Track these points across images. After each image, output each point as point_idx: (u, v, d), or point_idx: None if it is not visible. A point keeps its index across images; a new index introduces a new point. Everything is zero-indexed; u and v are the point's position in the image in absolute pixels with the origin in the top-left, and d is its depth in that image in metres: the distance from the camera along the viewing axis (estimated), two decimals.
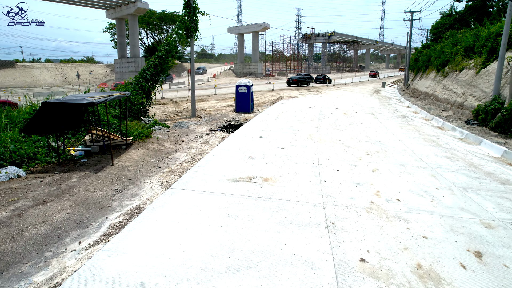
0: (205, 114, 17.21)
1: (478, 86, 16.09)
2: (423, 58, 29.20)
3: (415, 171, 7.65)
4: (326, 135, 11.35)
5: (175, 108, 19.52)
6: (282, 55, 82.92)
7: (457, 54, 21.21)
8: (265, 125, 12.84)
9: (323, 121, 14.39)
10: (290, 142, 10.02)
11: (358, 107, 20.00)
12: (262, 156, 8.38)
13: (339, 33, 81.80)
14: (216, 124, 13.89)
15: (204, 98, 24.46)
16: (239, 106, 17.33)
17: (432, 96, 22.36)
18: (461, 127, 13.88)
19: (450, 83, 20.25)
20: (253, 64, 64.21)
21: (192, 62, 16.63)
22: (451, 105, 18.26)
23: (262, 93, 28.37)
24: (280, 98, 23.09)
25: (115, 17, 47.89)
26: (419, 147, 10.18)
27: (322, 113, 16.75)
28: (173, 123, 14.01)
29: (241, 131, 11.58)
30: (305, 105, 19.93)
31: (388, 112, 18.73)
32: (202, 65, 73.90)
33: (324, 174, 7.14)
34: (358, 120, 15.18)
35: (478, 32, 20.12)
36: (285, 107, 18.93)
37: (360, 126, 13.41)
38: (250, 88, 17.11)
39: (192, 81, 16.55)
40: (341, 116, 16.04)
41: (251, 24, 64.27)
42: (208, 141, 10.86)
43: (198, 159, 8.68)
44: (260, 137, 10.59)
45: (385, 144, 10.35)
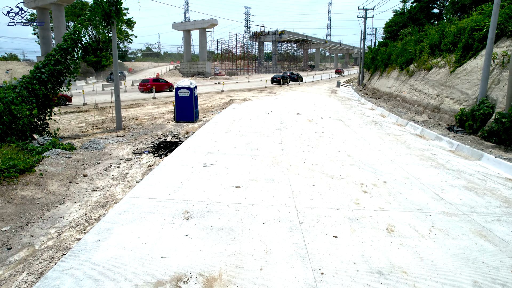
0: (135, 125, 13.35)
1: (456, 87, 14.17)
2: (382, 56, 27.72)
3: (448, 226, 4.83)
4: (296, 156, 8.28)
5: (99, 116, 15.33)
6: (232, 54, 79.63)
7: (423, 51, 19.54)
8: (212, 142, 9.46)
9: (287, 132, 11.37)
10: (248, 174, 6.77)
11: (321, 111, 17.37)
12: (204, 211, 5.03)
13: (289, 31, 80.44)
14: (145, 142, 10.20)
15: (140, 102, 20.35)
16: (180, 113, 13.73)
17: (398, 97, 20.53)
18: (446, 136, 11.70)
19: (418, 83, 18.43)
20: (201, 63, 60.04)
21: (115, 58, 12.69)
22: (424, 107, 16.31)
23: (210, 95, 24.82)
24: (232, 102, 19.80)
25: (35, 6, 40.99)
26: (421, 172, 7.52)
27: (283, 121, 13.75)
28: (85, 142, 10.07)
29: (178, 154, 8.09)
30: (261, 110, 16.84)
31: (356, 116, 16.30)
32: (142, 64, 67.98)
33: (314, 252, 4.01)
34: (328, 129, 12.41)
35: (444, 28, 18.53)
36: (237, 113, 15.67)
37: (334, 139, 10.58)
38: (194, 91, 13.59)
39: (115, 83, 12.62)
40: (306, 124, 13.16)
41: (198, 20, 60.02)
42: (125, 174, 7.22)
43: (96, 218, 5.10)
44: (204, 165, 7.20)
45: (378, 169, 7.53)
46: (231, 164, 7.39)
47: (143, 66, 65.93)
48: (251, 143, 9.47)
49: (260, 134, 10.88)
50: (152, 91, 26.06)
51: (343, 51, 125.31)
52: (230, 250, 3.95)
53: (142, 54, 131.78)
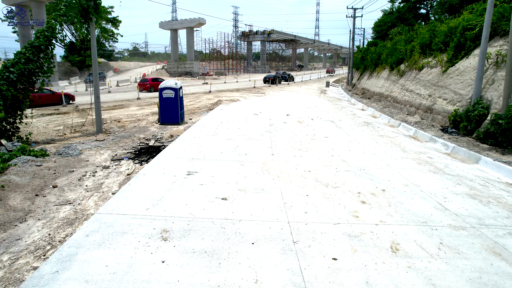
0: (117, 128, 12.61)
1: (448, 87, 13.88)
2: (371, 56, 27.46)
3: (457, 243, 4.36)
4: (287, 162, 7.74)
5: (79, 119, 14.52)
6: (220, 54, 78.84)
7: (413, 51, 19.28)
8: (197, 146, 8.85)
9: (277, 135, 10.83)
10: (236, 183, 6.19)
11: (312, 112, 16.91)
12: (185, 230, 4.44)
13: (277, 31, 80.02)
14: (126, 147, 9.51)
15: (124, 104, 19.52)
16: (164, 115, 13.05)
17: (389, 98, 20.23)
18: (441, 137, 11.35)
19: (409, 83, 18.14)
20: (189, 63, 59.05)
21: (94, 57, 11.96)
22: (416, 108, 16.00)
23: (197, 95, 24.12)
24: (219, 102, 19.17)
25: (14, 3, 39.39)
26: (420, 178, 7.07)
27: (272, 123, 13.21)
28: (60, 147, 9.32)
29: (159, 161, 7.45)
30: (249, 111, 16.27)
31: (347, 117, 15.89)
32: (129, 64, 66.56)
33: (312, 280, 3.48)
34: (319, 131, 11.92)
35: (434, 28, 18.29)
36: (225, 114, 15.06)
37: (327, 142, 10.09)
38: (179, 92, 12.93)
39: (95, 83, 11.88)
40: (297, 126, 12.66)
41: (185, 19, 58.98)
42: (101, 184, 6.56)
43: (61, 239, 4.45)
44: (187, 173, 6.59)
45: (375, 175, 7.05)
46: (217, 171, 6.79)
47: (129, 66, 64.50)
48: (239, 148, 8.89)
49: (249, 137, 10.31)
50: (150, 90, 27.87)
51: (331, 51, 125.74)
52: (214, 280, 3.37)
53: (129, 53, 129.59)
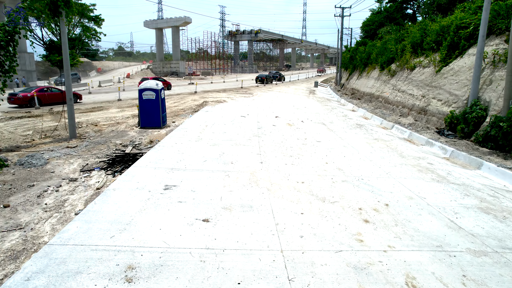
0: (93, 132, 11.63)
1: (443, 87, 13.38)
2: (361, 56, 27.00)
3: (483, 275, 3.69)
4: (277, 171, 6.99)
5: (52, 122, 13.45)
6: (207, 53, 77.70)
7: (405, 50, 18.82)
8: (178, 154, 8.01)
9: (266, 140, 10.07)
10: (220, 199, 5.40)
11: (302, 114, 16.23)
12: (156, 266, 3.63)
13: (265, 30, 79.30)
14: (100, 154, 8.59)
15: (103, 105, 18.44)
16: (145, 119, 12.14)
17: (380, 98, 19.73)
18: (437, 140, 10.80)
19: (401, 83, 17.65)
20: (175, 63, 57.75)
21: (65, 55, 10.95)
22: (409, 109, 15.49)
23: (182, 96, 23.17)
24: (205, 104, 18.30)
25: None
26: (424, 188, 6.42)
27: (261, 126, 12.45)
28: (25, 155, 8.35)
29: (134, 172, 6.59)
30: (236, 113, 15.47)
31: (338, 119, 15.26)
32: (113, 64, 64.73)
33: None
34: (311, 134, 11.22)
35: (426, 26, 17.85)
36: (211, 117, 14.23)
37: (319, 147, 9.38)
38: (160, 93, 12.04)
39: (67, 84, 10.86)
40: (287, 129, 11.93)
41: (170, 18, 57.62)
42: (64, 201, 5.66)
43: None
44: (165, 188, 5.76)
45: (375, 186, 6.37)
46: (199, 185, 5.98)
47: (113, 66, 62.71)
48: (224, 155, 8.09)
49: (236, 142, 9.52)
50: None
51: (318, 50, 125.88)
52: None
53: (114, 53, 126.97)
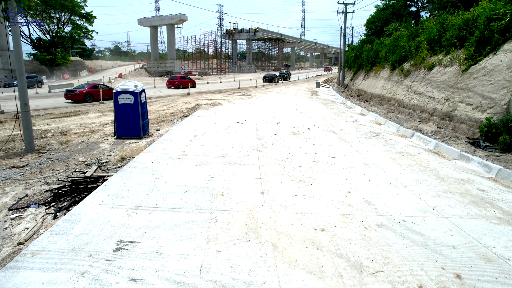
0: (58, 144, 9.62)
1: (473, 89, 11.44)
2: (367, 54, 25.04)
3: None
4: (285, 209, 5.03)
5: (16, 130, 11.40)
6: (204, 53, 75.58)
7: (420, 48, 16.89)
8: (152, 180, 6.02)
9: (267, 155, 8.10)
10: (199, 272, 3.42)
11: (307, 119, 14.27)
12: None
13: (263, 29, 77.18)
14: (52, 179, 6.58)
15: (82, 109, 16.40)
16: (121, 127, 10.14)
17: (392, 101, 17.78)
18: (474, 154, 8.89)
19: (417, 84, 15.72)
20: (170, 62, 55.57)
21: (17, 53, 8.91)
22: (429, 114, 13.55)
23: (173, 98, 21.14)
24: (197, 107, 16.31)
25: None
26: (498, 237, 4.48)
27: (261, 135, 10.49)
28: None
29: (81, 213, 4.63)
30: (232, 118, 13.49)
31: (349, 125, 13.30)
32: (106, 63, 62.33)
33: None
34: (321, 147, 9.26)
35: (444, 21, 15.91)
36: (202, 123, 12.25)
37: (335, 166, 7.42)
38: (140, 96, 10.05)
39: (20, 87, 8.81)
40: (292, 140, 9.97)
41: (165, 16, 55.41)
42: None
43: None
44: (116, 247, 3.78)
45: (427, 236, 4.42)
46: (170, 240, 4.01)
47: (106, 65, 60.41)
48: (213, 180, 6.12)
49: (229, 159, 7.54)
50: (179, 87, 30.28)
51: (318, 50, 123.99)
52: None
53: (111, 52, 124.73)
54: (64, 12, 46.39)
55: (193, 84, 32.33)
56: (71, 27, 47.73)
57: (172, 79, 31.93)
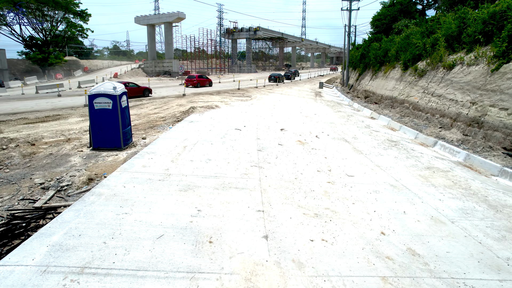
0: (20, 157, 8.07)
1: (507, 91, 9.90)
2: (375, 53, 23.49)
3: None
4: (301, 270, 3.51)
5: None
6: (204, 52, 73.96)
7: (436, 45, 15.35)
8: (117, 219, 4.49)
9: (271, 174, 6.57)
10: None
11: (313, 124, 12.73)
12: None
13: (264, 28, 75.47)
14: None
15: (62, 113, 14.84)
16: (98, 137, 8.59)
17: (405, 103, 16.24)
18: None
19: (435, 85, 14.18)
20: (167, 61, 53.91)
21: None
22: (452, 119, 12.01)
23: (167, 100, 19.57)
24: (191, 110, 14.76)
25: None
26: None
27: (262, 145, 8.95)
28: None
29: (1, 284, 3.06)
30: (230, 124, 11.96)
31: (361, 132, 11.76)
32: (102, 63, 60.60)
33: None
34: (335, 161, 7.73)
35: (465, 15, 14.39)
36: (195, 130, 10.71)
37: (356, 189, 5.89)
38: (120, 100, 8.50)
39: None
40: (299, 152, 8.43)
41: (163, 14, 53.75)
42: None
43: None
44: None
45: None
46: None
47: (102, 65, 58.70)
48: (200, 216, 4.58)
49: (223, 181, 6.00)
50: (197, 86, 31.16)
51: (319, 50, 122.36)
52: None
53: (110, 52, 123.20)
54: (58, 10, 44.83)
55: (210, 83, 33.19)
56: (65, 25, 46.16)
57: (190, 78, 32.78)
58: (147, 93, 23.00)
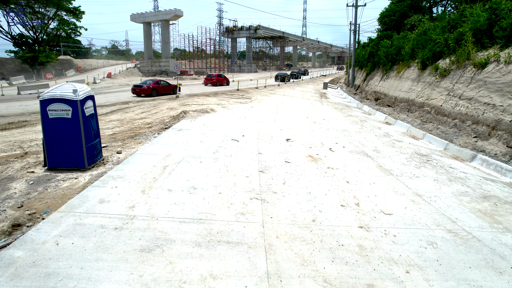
0: None
1: None
2: (386, 51, 21.58)
3: None
4: None
5: None
6: (203, 51, 72.05)
7: (462, 40, 13.46)
8: None
9: (278, 213, 4.71)
10: None
11: (324, 132, 10.86)
12: None
13: (265, 27, 73.40)
14: None
15: (31, 118, 12.93)
16: (53, 153, 6.70)
17: (425, 107, 14.34)
18: None
19: (463, 86, 12.30)
20: (164, 61, 51.86)
21: None
22: (489, 127, 10.12)
23: (157, 103, 17.65)
24: (183, 115, 12.87)
25: None
26: None
27: (265, 164, 7.07)
28: None
29: None
30: (226, 133, 10.08)
31: (382, 142, 9.87)
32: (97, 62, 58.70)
33: None
34: (360, 187, 5.86)
35: (497, 5, 12.52)
36: (182, 142, 8.83)
37: (406, 248, 3.98)
38: (83, 106, 6.62)
39: None
40: (312, 172, 6.55)
41: (159, 11, 51.73)
42: None
43: None
44: None
45: None
46: None
47: (97, 65, 56.66)
48: None
49: (210, 230, 4.13)
50: (216, 85, 31.87)
51: (320, 49, 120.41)
52: None
53: (108, 51, 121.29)
54: (50, 7, 42.92)
55: (227, 82, 34.11)
56: (57, 23, 44.22)
57: (210, 77, 33.93)
58: (176, 91, 23.90)
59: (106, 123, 12.03)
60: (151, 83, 22.61)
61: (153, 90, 22.17)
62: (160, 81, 23.88)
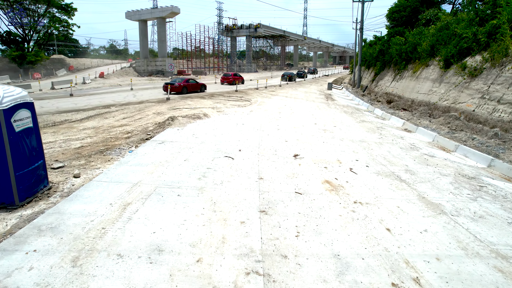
0: None
1: None
2: (399, 49, 19.59)
3: None
4: None
5: None
6: (202, 51, 69.99)
7: (497, 34, 11.49)
8: None
9: None
10: None
11: (337, 143, 8.90)
12: None
13: (265, 25, 71.18)
14: None
15: None
16: None
17: (452, 112, 12.36)
18: None
19: (502, 88, 10.36)
20: (161, 60, 49.78)
21: None
22: None
23: (143, 106, 15.63)
24: (170, 122, 10.91)
25: None
26: None
27: (267, 198, 5.13)
28: None
29: None
30: (218, 147, 8.12)
31: (411, 158, 7.92)
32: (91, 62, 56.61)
33: None
34: (409, 243, 3.91)
35: None
36: (159, 161, 6.88)
37: None
38: (8, 119, 4.65)
39: None
40: (335, 214, 4.61)
41: (155, 8, 49.60)
42: None
43: None
44: None
45: None
46: None
47: (90, 64, 54.50)
48: None
49: None
50: (233, 84, 31.64)
51: (322, 49, 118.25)
52: None
53: (106, 51, 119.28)
54: (40, 3, 40.91)
55: (242, 81, 34.48)
56: (47, 20, 42.21)
57: (226, 76, 34.78)
58: (203, 89, 24.96)
59: (77, 132, 10.07)
60: (181, 81, 23.68)
61: (183, 88, 23.18)
62: (189, 79, 25.21)
